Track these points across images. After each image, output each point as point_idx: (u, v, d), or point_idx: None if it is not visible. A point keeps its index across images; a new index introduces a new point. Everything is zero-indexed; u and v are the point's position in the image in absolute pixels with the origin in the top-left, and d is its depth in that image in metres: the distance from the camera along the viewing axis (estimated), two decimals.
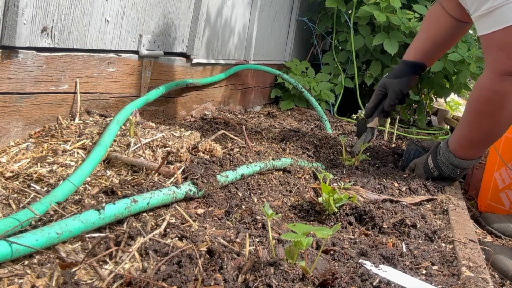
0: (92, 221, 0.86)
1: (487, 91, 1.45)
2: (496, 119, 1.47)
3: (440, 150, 1.64)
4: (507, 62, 1.39)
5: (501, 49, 1.39)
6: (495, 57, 1.42)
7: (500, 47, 1.39)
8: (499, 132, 1.53)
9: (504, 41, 1.38)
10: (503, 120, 1.47)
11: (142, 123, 1.56)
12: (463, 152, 1.58)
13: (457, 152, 1.58)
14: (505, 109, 1.43)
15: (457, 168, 1.60)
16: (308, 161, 1.60)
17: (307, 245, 0.80)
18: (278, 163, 1.44)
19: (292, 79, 2.71)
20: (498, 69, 1.41)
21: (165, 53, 1.82)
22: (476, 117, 1.51)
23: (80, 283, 0.74)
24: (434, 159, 1.64)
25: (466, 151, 1.58)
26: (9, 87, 1.19)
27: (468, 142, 1.57)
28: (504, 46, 1.38)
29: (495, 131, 1.52)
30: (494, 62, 1.43)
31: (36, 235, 0.78)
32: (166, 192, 1.02)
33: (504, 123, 1.49)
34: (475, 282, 0.93)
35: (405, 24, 2.67)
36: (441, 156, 1.62)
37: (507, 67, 1.39)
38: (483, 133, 1.52)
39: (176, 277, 0.76)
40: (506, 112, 1.44)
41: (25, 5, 1.16)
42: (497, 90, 1.42)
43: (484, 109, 1.47)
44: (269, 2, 2.74)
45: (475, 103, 1.50)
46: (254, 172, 1.33)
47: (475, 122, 1.51)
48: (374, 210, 1.23)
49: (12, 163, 1.15)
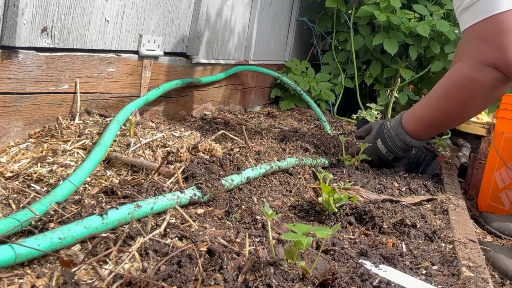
0: (95, 226, 0.85)
1: (465, 78, 1.48)
2: (465, 106, 1.52)
3: (391, 131, 1.65)
4: (487, 51, 1.42)
5: (482, 40, 1.43)
6: (477, 47, 1.45)
7: (481, 38, 1.43)
8: (462, 119, 1.61)
9: (485, 32, 1.42)
10: (470, 108, 1.52)
11: (142, 123, 1.56)
12: (421, 132, 1.61)
13: (414, 132, 1.61)
14: (476, 98, 1.48)
15: (410, 147, 1.65)
16: (313, 158, 1.59)
17: (307, 245, 0.80)
18: (283, 163, 1.43)
19: (291, 82, 2.71)
20: (479, 58, 1.45)
21: (165, 53, 1.82)
22: (446, 100, 1.54)
23: (80, 283, 0.74)
24: (386, 143, 1.66)
25: (424, 132, 1.62)
26: (9, 87, 1.19)
27: (429, 123, 1.60)
28: (485, 36, 1.42)
29: (458, 117, 1.58)
30: (476, 52, 1.46)
31: (38, 240, 0.77)
32: (171, 197, 1.01)
33: (470, 111, 1.55)
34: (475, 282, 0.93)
35: (405, 24, 2.67)
36: (393, 138, 1.64)
37: (488, 56, 1.42)
38: (447, 116, 1.57)
39: (176, 277, 0.76)
40: (475, 102, 1.49)
41: (25, 5, 1.16)
42: (474, 78, 1.46)
43: (457, 95, 1.51)
44: (269, 2, 2.74)
45: (449, 87, 1.54)
46: (259, 174, 1.32)
47: (443, 105, 1.55)
48: (374, 210, 1.23)
49: (12, 163, 1.15)
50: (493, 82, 1.45)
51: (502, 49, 1.40)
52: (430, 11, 2.74)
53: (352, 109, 3.00)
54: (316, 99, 2.85)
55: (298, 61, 3.06)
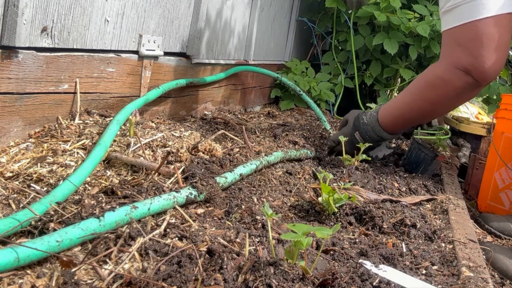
0: (92, 228, 0.85)
1: (437, 78, 1.56)
2: (435, 105, 1.60)
3: (367, 126, 1.76)
4: (462, 56, 1.48)
5: (458, 44, 1.48)
6: (452, 51, 1.51)
7: (458, 42, 1.48)
8: (432, 117, 1.73)
9: (461, 37, 1.47)
10: (440, 107, 1.62)
11: (142, 123, 1.56)
12: (395, 128, 1.72)
13: (389, 129, 1.72)
14: (446, 99, 1.57)
15: (383, 141, 1.80)
16: (296, 150, 1.65)
17: (307, 245, 0.80)
18: (271, 158, 1.46)
19: (290, 82, 2.70)
20: (453, 62, 1.51)
21: (165, 53, 1.82)
22: (419, 100, 1.63)
23: (80, 283, 0.74)
24: (364, 136, 1.77)
25: (398, 128, 1.73)
26: (9, 87, 1.19)
27: (404, 121, 1.70)
28: (461, 41, 1.47)
29: (429, 115, 1.69)
30: (451, 55, 1.52)
31: (35, 244, 0.77)
32: (167, 197, 1.01)
33: (439, 110, 1.66)
34: (475, 282, 0.93)
35: (405, 24, 2.67)
36: (370, 133, 1.75)
37: (461, 61, 1.48)
38: (419, 114, 1.66)
39: (176, 277, 0.76)
40: (445, 102, 1.58)
41: (25, 5, 1.16)
42: (446, 80, 1.53)
43: (429, 95, 1.59)
44: (269, 2, 2.74)
45: (423, 86, 1.62)
46: (251, 170, 1.33)
47: (417, 104, 1.64)
48: (374, 210, 1.23)
49: (12, 163, 1.15)
50: (463, 85, 1.51)
51: (475, 56, 1.45)
52: (430, 11, 2.74)
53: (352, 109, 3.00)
54: (316, 99, 2.85)
55: (298, 61, 3.06)
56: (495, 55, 1.45)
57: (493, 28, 1.42)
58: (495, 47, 1.44)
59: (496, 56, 1.45)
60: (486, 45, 1.43)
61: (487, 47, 1.43)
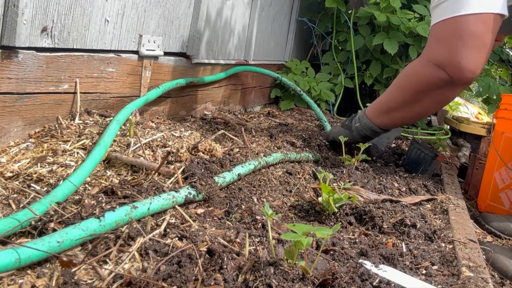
0: (93, 229, 0.85)
1: (411, 70, 1.59)
2: (410, 98, 1.61)
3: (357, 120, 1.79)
4: (438, 50, 1.49)
5: (437, 39, 1.50)
6: (430, 45, 1.53)
7: (437, 37, 1.50)
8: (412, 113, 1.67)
9: (441, 32, 1.47)
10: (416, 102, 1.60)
11: (142, 123, 1.56)
12: (379, 119, 1.73)
13: (375, 119, 1.74)
14: (419, 93, 1.57)
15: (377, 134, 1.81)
16: (296, 152, 1.64)
17: (307, 245, 0.80)
18: (270, 159, 1.46)
19: (290, 82, 2.70)
20: (428, 56, 1.53)
21: (165, 53, 1.82)
22: (396, 90, 1.66)
23: (80, 283, 0.74)
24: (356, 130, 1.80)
25: (383, 120, 1.73)
26: (9, 87, 1.19)
27: (385, 111, 1.71)
28: (440, 36, 1.48)
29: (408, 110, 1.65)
30: (428, 49, 1.54)
31: (36, 245, 0.77)
32: (166, 197, 1.02)
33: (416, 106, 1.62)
34: (475, 282, 0.93)
35: (405, 24, 2.67)
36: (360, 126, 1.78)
37: (436, 55, 1.49)
38: (397, 105, 1.67)
39: (176, 277, 0.76)
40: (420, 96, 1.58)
41: (25, 5, 1.16)
42: (418, 72, 1.55)
43: (403, 85, 1.63)
44: (269, 2, 2.74)
45: (400, 77, 1.66)
46: (249, 170, 1.33)
47: (394, 94, 1.67)
48: (374, 210, 1.23)
49: (12, 163, 1.15)
50: (435, 80, 1.51)
51: (451, 51, 1.44)
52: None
53: (352, 109, 3.00)
54: (316, 99, 2.85)
55: (298, 61, 3.06)
56: (474, 53, 1.41)
57: (475, 25, 1.39)
58: (475, 45, 1.41)
59: (475, 54, 1.42)
60: (466, 42, 1.41)
61: (466, 43, 1.41)
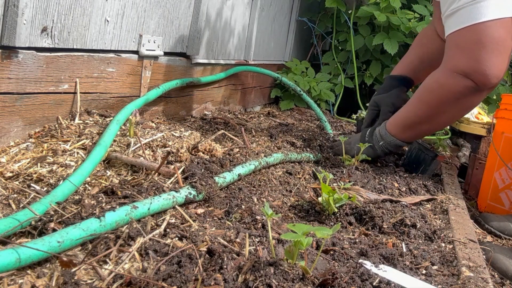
0: (93, 229, 0.85)
1: (434, 83, 1.55)
2: (434, 110, 1.58)
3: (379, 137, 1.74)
4: (461, 59, 1.46)
5: (458, 47, 1.47)
6: (451, 54, 1.50)
7: (458, 46, 1.47)
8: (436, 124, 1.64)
9: (462, 40, 1.45)
10: (441, 113, 1.57)
11: (142, 123, 1.56)
12: (402, 133, 1.69)
13: (397, 134, 1.69)
14: (445, 103, 1.54)
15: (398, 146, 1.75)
16: (297, 153, 1.64)
17: (307, 245, 0.80)
18: (271, 159, 1.46)
19: (291, 82, 2.70)
20: (452, 65, 1.50)
21: (165, 53, 1.82)
22: (418, 103, 1.62)
23: (80, 283, 0.74)
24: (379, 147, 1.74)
25: (406, 133, 1.69)
26: (9, 87, 1.19)
27: (408, 125, 1.67)
28: (461, 44, 1.45)
29: (431, 121, 1.62)
30: (450, 59, 1.51)
31: (36, 245, 0.77)
32: (166, 197, 1.02)
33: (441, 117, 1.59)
34: (475, 282, 0.93)
35: (405, 24, 2.67)
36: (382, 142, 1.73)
37: (460, 64, 1.46)
38: (419, 119, 1.63)
39: (176, 277, 0.76)
40: (445, 107, 1.55)
41: (25, 5, 1.16)
42: (443, 84, 1.52)
43: (427, 98, 1.58)
44: (269, 2, 2.74)
45: (422, 90, 1.61)
46: (250, 171, 1.33)
47: (416, 108, 1.63)
48: (374, 210, 1.23)
49: (12, 163, 1.15)
50: (461, 89, 1.48)
51: (476, 58, 1.43)
52: (430, 11, 2.74)
53: (352, 109, 3.00)
54: (316, 99, 2.85)
55: (298, 61, 3.06)
56: (497, 59, 1.42)
57: (497, 31, 1.39)
58: (498, 51, 1.41)
59: (498, 59, 1.42)
60: (489, 48, 1.41)
61: (489, 50, 1.41)
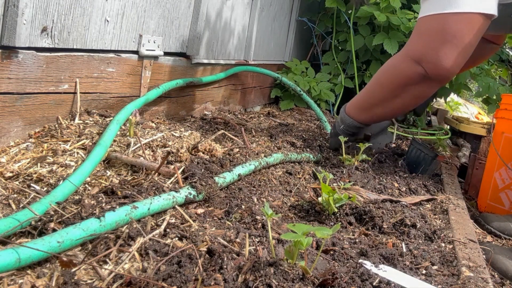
0: (93, 229, 0.85)
1: (390, 65, 1.59)
2: (387, 92, 1.60)
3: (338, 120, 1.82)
4: (417, 46, 1.48)
5: (418, 33, 1.49)
6: (411, 38, 1.52)
7: (419, 32, 1.49)
8: (390, 108, 1.65)
9: (425, 27, 1.46)
10: (393, 97, 1.59)
11: (142, 123, 1.56)
12: (358, 114, 1.73)
13: (354, 116, 1.74)
14: (396, 87, 1.56)
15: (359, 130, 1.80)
16: (297, 153, 1.64)
17: (307, 245, 0.80)
18: (271, 159, 1.46)
19: (291, 82, 2.70)
20: (407, 49, 1.52)
21: (165, 53, 1.82)
22: (374, 84, 1.66)
23: (80, 283, 0.74)
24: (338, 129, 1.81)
25: (362, 115, 1.72)
26: (9, 87, 1.19)
27: (363, 105, 1.71)
28: (423, 31, 1.47)
29: (385, 104, 1.64)
30: (409, 43, 1.54)
31: (36, 245, 0.77)
32: (166, 197, 1.02)
33: (393, 101, 1.60)
34: (475, 282, 0.93)
35: (405, 24, 2.67)
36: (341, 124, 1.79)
37: (415, 49, 1.48)
38: (373, 100, 1.66)
39: (176, 277, 0.76)
40: (397, 91, 1.56)
41: (25, 5, 1.16)
42: (396, 66, 1.55)
43: (381, 80, 1.62)
44: (269, 2, 2.74)
45: (379, 71, 1.65)
46: (250, 171, 1.33)
47: (372, 88, 1.67)
48: (374, 210, 1.23)
49: (12, 163, 1.15)
50: (411, 74, 1.49)
51: (431, 47, 1.42)
52: None
53: None
54: (316, 99, 2.85)
55: (298, 61, 3.06)
56: (451, 51, 1.39)
57: (458, 24, 1.36)
58: (453, 44, 1.38)
59: (452, 52, 1.39)
60: (446, 39, 1.38)
61: (446, 41, 1.38)
